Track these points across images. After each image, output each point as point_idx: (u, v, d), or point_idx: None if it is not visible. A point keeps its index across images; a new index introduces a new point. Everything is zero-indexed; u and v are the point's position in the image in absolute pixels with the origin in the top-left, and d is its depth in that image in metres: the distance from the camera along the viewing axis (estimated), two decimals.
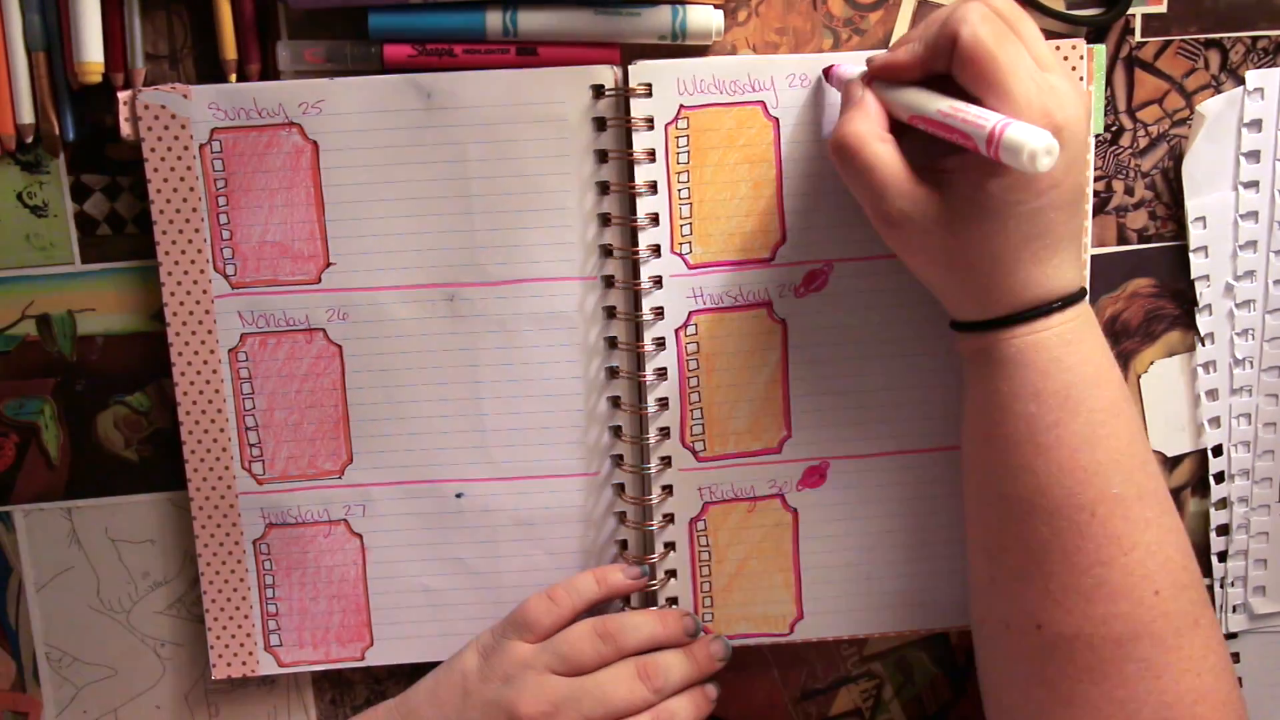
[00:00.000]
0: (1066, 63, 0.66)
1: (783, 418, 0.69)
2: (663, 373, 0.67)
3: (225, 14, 0.64)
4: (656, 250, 0.66)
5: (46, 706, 0.71)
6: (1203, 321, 0.70)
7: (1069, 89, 0.56)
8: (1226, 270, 0.70)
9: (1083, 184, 0.58)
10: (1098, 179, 0.69)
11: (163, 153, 0.65)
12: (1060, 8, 0.67)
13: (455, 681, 0.66)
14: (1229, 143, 0.68)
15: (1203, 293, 0.70)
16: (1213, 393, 0.71)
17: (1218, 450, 0.71)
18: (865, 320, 0.68)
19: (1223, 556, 0.72)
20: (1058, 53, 0.65)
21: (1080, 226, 0.59)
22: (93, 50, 0.64)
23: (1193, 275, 0.70)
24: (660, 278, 0.66)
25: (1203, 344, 0.70)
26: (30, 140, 0.65)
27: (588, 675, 0.65)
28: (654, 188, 0.65)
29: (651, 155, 0.65)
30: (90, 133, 0.66)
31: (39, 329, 0.68)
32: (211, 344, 0.67)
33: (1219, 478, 0.72)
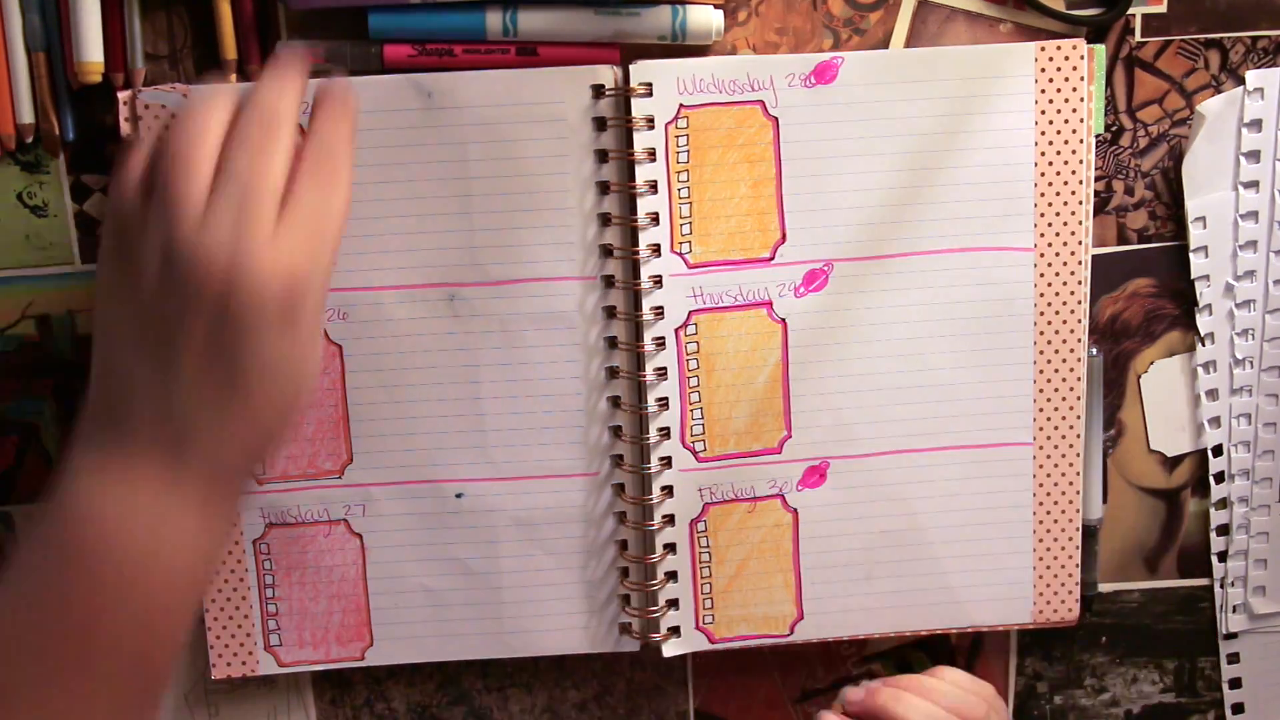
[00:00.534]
0: (1068, 63, 0.66)
1: (783, 418, 0.69)
2: (663, 372, 0.67)
3: (225, 14, 0.64)
4: (656, 250, 0.66)
5: None
6: (1203, 321, 0.70)
7: None
8: (1226, 270, 0.70)
9: None
10: (1098, 179, 0.69)
11: None
12: (1060, 8, 0.67)
13: None
14: (1229, 143, 0.68)
15: (1203, 293, 0.70)
16: (1213, 393, 0.71)
17: (1218, 450, 0.71)
18: (865, 320, 0.68)
19: (1223, 556, 0.72)
20: (1052, 58, 0.66)
21: None
22: (93, 50, 0.64)
23: (1193, 275, 0.70)
24: (660, 277, 0.66)
25: (1203, 344, 0.70)
26: (30, 140, 0.65)
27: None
28: (654, 187, 0.66)
29: (652, 155, 0.65)
30: (90, 133, 0.66)
31: (39, 329, 0.68)
32: None
33: (1219, 478, 0.72)
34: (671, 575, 0.69)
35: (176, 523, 0.50)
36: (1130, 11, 0.67)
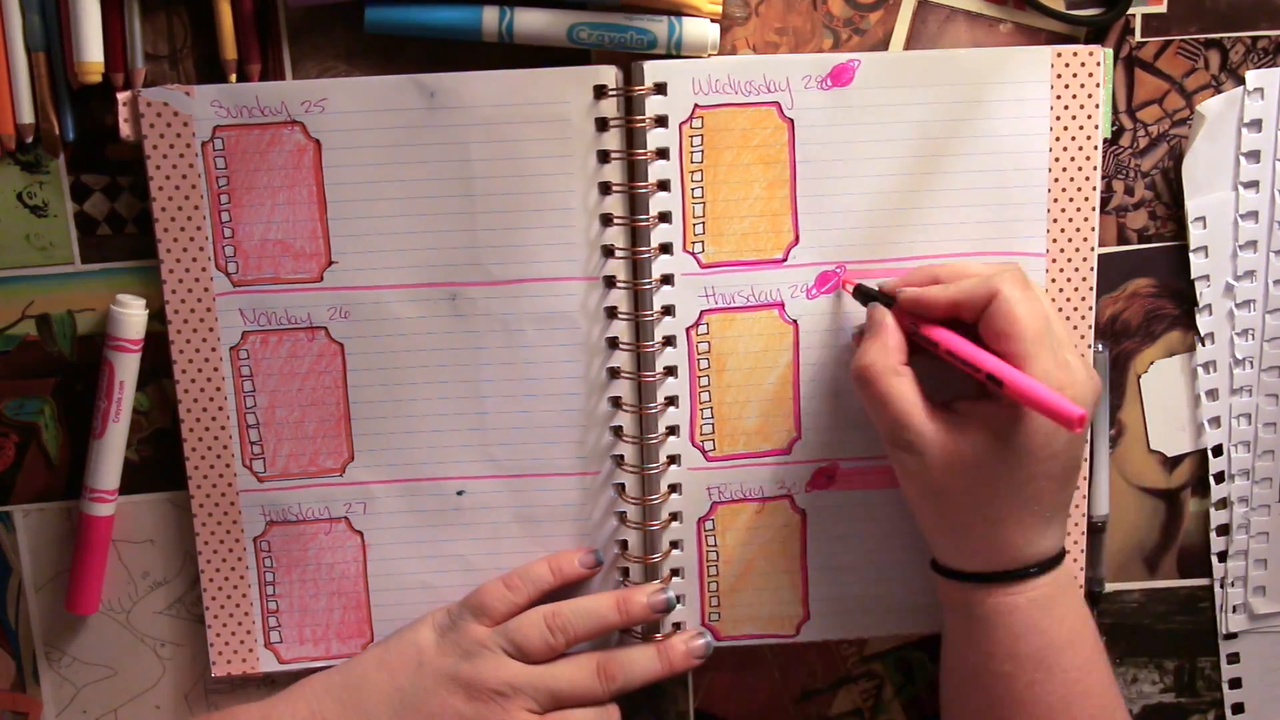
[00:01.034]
0: (1084, 69, 0.66)
1: (793, 419, 0.69)
2: (672, 370, 0.67)
3: (225, 14, 0.64)
4: (665, 248, 0.66)
5: (46, 706, 0.71)
6: (1203, 321, 0.70)
7: (1082, 371, 0.60)
8: (1226, 270, 0.70)
9: (1078, 461, 0.61)
10: None
11: (164, 150, 0.65)
12: (1060, 8, 0.67)
13: (409, 652, 0.66)
14: (1229, 143, 0.69)
15: (1203, 293, 0.70)
16: (1213, 393, 0.71)
17: (1218, 450, 0.71)
18: None
19: (1223, 556, 0.72)
20: (1068, 63, 0.66)
21: (1069, 498, 0.62)
22: (93, 50, 0.64)
23: (1193, 275, 0.70)
24: (671, 276, 0.66)
25: (1203, 344, 0.70)
26: (30, 140, 0.65)
27: (547, 665, 0.65)
28: (665, 186, 0.66)
29: (659, 154, 0.65)
30: (90, 133, 0.66)
31: (39, 329, 0.68)
32: (213, 341, 0.66)
33: (1219, 478, 0.72)
34: (676, 572, 0.69)
35: None
36: (1130, 11, 0.67)
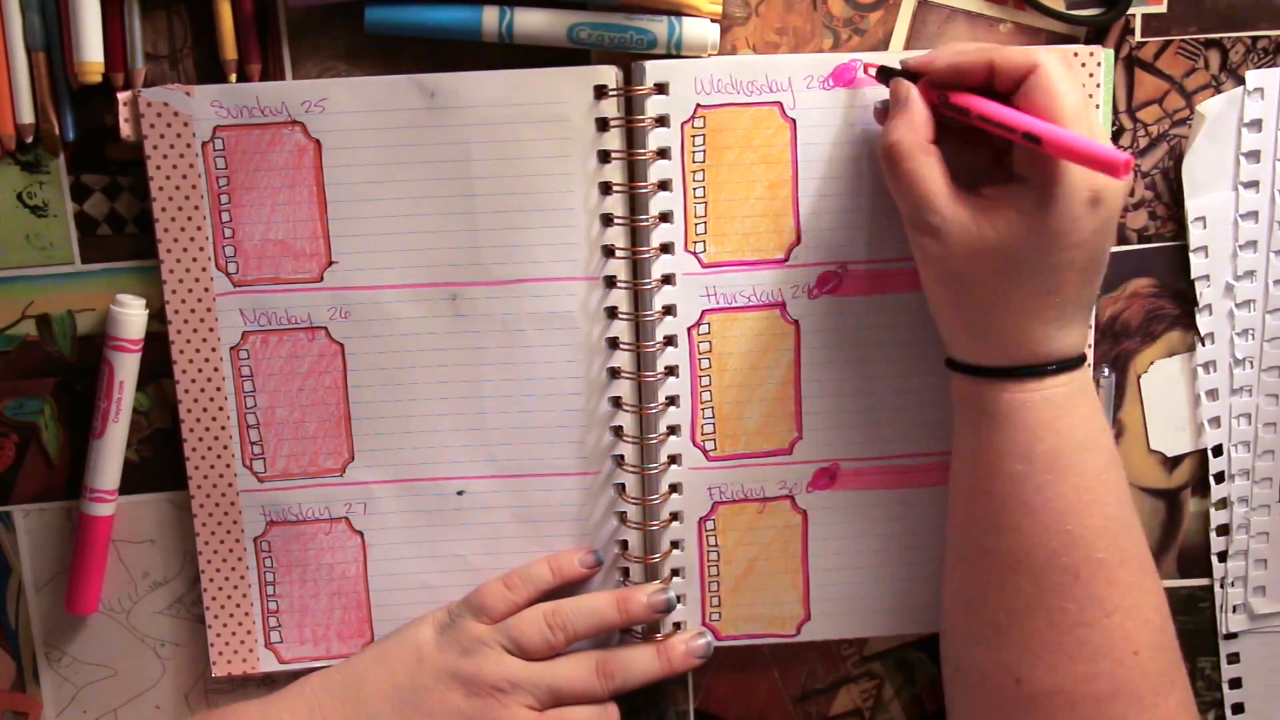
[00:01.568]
0: (1084, 69, 0.66)
1: (794, 419, 0.69)
2: (673, 370, 0.67)
3: (225, 14, 0.64)
4: (666, 248, 0.66)
5: (46, 706, 0.71)
6: (1203, 321, 0.70)
7: None
8: (1226, 270, 0.70)
9: (1104, 254, 0.60)
10: None
11: (165, 150, 0.65)
12: (1060, 8, 0.67)
13: (409, 649, 0.66)
14: (1229, 143, 0.69)
15: (1203, 293, 0.70)
16: (1213, 393, 0.71)
17: (1218, 450, 0.71)
18: (878, 323, 0.68)
19: (1223, 556, 0.72)
20: (1080, 66, 0.66)
21: (1093, 295, 0.61)
22: (93, 50, 0.64)
23: (1193, 275, 0.70)
24: (672, 275, 0.66)
25: (1203, 344, 0.70)
26: (30, 140, 0.65)
27: (546, 662, 0.66)
28: (666, 186, 0.66)
29: (660, 154, 0.65)
30: (90, 133, 0.66)
31: (39, 329, 0.68)
32: (213, 341, 0.66)
33: (1219, 478, 0.72)
34: (677, 572, 0.69)
35: None
36: (1130, 11, 0.67)
